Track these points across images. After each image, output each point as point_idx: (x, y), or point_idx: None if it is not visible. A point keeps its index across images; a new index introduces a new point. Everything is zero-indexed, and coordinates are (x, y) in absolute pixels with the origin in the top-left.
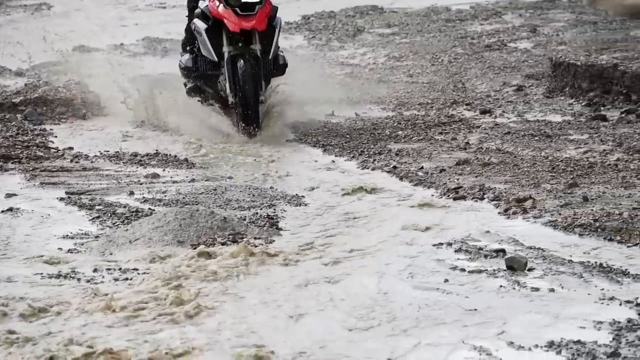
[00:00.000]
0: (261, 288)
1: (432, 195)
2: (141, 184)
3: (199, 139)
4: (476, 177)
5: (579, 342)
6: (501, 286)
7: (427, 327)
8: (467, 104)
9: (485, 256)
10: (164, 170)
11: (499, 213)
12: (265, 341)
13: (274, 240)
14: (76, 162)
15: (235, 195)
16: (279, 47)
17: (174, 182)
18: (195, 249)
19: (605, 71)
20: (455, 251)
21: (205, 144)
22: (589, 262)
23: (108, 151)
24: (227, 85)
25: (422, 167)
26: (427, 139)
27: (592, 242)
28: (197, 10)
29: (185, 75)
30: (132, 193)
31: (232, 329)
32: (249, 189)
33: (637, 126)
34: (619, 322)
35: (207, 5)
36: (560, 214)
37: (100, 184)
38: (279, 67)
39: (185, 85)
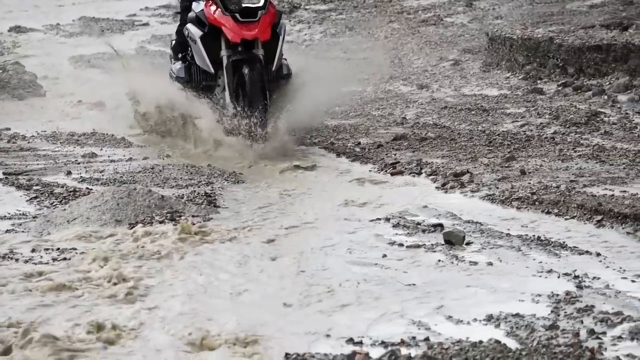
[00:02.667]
0: (200, 266)
1: (370, 170)
2: (78, 163)
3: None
4: (413, 152)
5: (517, 315)
6: (439, 261)
7: (366, 302)
8: (403, 79)
9: (423, 231)
10: (101, 149)
11: (436, 188)
12: (205, 319)
13: (212, 218)
14: (13, 143)
15: (172, 173)
16: (282, 55)
17: (112, 161)
18: (133, 227)
19: (541, 45)
20: (393, 226)
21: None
22: (526, 235)
23: (45, 131)
24: (227, 94)
25: (359, 143)
26: (364, 115)
27: (529, 215)
28: (191, 15)
29: (176, 85)
30: (69, 173)
31: (171, 307)
32: (187, 167)
33: (573, 99)
34: (557, 295)
35: (202, 10)
36: (497, 188)
37: (38, 164)
38: (283, 77)
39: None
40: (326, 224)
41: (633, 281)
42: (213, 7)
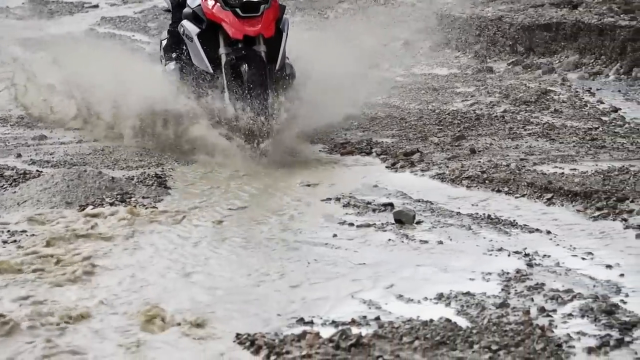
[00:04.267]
0: (150, 247)
1: (320, 151)
2: (28, 146)
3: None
4: (363, 131)
5: (468, 293)
6: (390, 240)
7: (317, 282)
8: (353, 59)
9: (374, 210)
10: (51, 131)
11: (386, 167)
12: (156, 299)
13: (162, 199)
14: None
15: (123, 155)
16: (286, 53)
17: (62, 143)
18: (83, 209)
19: (491, 23)
20: (344, 206)
21: None
22: (477, 213)
23: None
24: (226, 94)
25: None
26: (314, 95)
27: (480, 194)
28: (187, 10)
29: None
30: (19, 155)
31: (122, 288)
32: (137, 148)
33: (523, 78)
34: (508, 273)
35: (199, 5)
36: (447, 167)
37: None
38: (287, 79)
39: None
40: (276, 203)
41: (583, 259)
42: (211, 2)
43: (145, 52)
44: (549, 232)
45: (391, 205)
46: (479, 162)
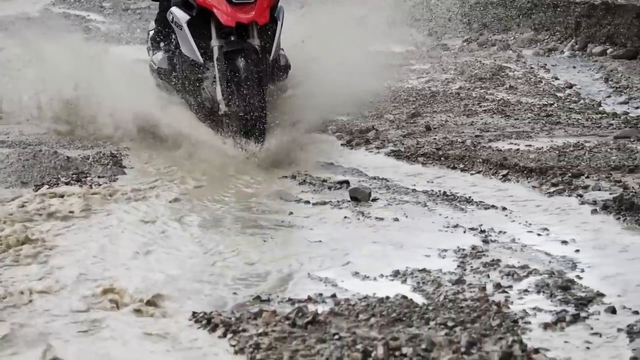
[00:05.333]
0: (107, 226)
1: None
2: None
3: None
4: (319, 110)
5: (424, 270)
6: (345, 217)
7: (272, 260)
8: (307, 36)
9: (330, 188)
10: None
11: (342, 145)
12: (112, 278)
13: (117, 179)
14: None
15: (78, 134)
16: (280, 44)
17: (17, 123)
18: (39, 189)
19: (446, 0)
20: (300, 184)
21: None
22: (432, 190)
23: None
24: (219, 89)
25: None
26: None
27: (435, 170)
28: None
29: (158, 78)
30: None
31: (79, 267)
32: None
33: (478, 54)
34: (464, 250)
35: None
36: (403, 144)
37: None
38: (281, 70)
39: (157, 85)
40: (229, 182)
41: (539, 235)
42: None
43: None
44: (504, 209)
45: (347, 182)
46: (434, 139)
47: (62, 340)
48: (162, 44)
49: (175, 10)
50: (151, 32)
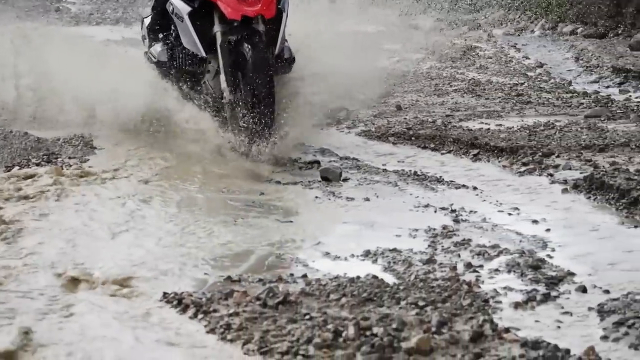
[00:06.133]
0: (77, 208)
1: None
2: None
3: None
4: (289, 90)
5: (394, 250)
6: (316, 197)
7: (243, 240)
8: None
9: (300, 168)
10: None
11: (312, 125)
12: (83, 259)
13: (88, 160)
14: None
15: (48, 115)
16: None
17: None
18: (9, 170)
19: None
20: (270, 164)
21: None
22: (403, 170)
23: None
24: (223, 77)
25: None
26: None
27: (406, 150)
28: None
29: (157, 71)
30: None
31: (48, 248)
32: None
33: (449, 34)
34: (434, 229)
35: None
36: (374, 124)
37: None
38: (285, 63)
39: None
40: (203, 163)
41: (509, 214)
42: None
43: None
44: (475, 188)
45: (318, 162)
46: (405, 118)
47: (34, 320)
48: (160, 35)
49: (175, 1)
50: (146, 20)
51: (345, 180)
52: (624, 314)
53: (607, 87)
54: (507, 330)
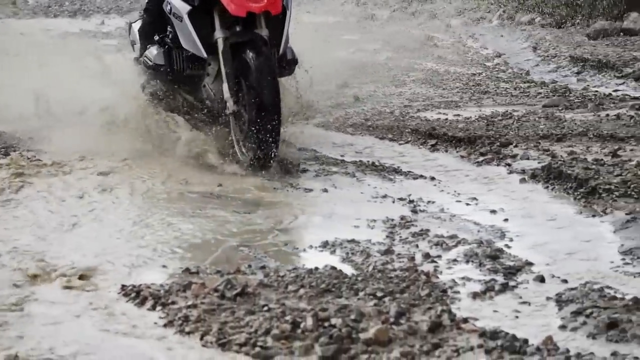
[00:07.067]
0: (34, 200)
1: None
2: None
3: None
4: None
5: (353, 241)
6: (275, 188)
7: (201, 232)
8: None
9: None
10: None
11: None
12: (40, 252)
13: (46, 152)
14: None
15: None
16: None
17: None
18: None
19: None
20: (229, 155)
21: None
22: (361, 161)
23: None
24: (225, 86)
25: None
26: None
27: (364, 141)
28: None
29: (153, 75)
30: None
31: (5, 241)
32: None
33: (406, 24)
34: (392, 220)
35: None
36: (332, 115)
37: None
38: (288, 65)
39: (142, 87)
40: (162, 155)
41: (467, 204)
42: None
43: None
44: (433, 178)
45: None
46: (363, 109)
47: None
48: (156, 37)
49: (174, 0)
50: (135, 25)
51: (304, 171)
52: (582, 303)
53: (565, 76)
54: (465, 320)
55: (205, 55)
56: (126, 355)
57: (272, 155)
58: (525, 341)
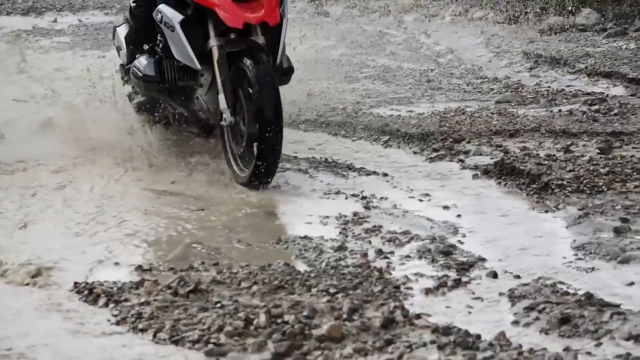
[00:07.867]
0: None
1: None
2: None
3: None
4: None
5: (305, 237)
6: (228, 185)
7: (154, 228)
8: None
9: (213, 157)
10: None
11: None
12: None
13: None
14: None
15: None
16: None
17: None
18: None
19: None
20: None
21: None
22: (314, 157)
23: None
24: (222, 96)
25: None
26: None
27: (316, 137)
28: None
29: (143, 87)
30: None
31: None
32: None
33: (359, 21)
34: (345, 216)
35: None
36: (284, 111)
37: None
38: (284, 74)
39: (130, 97)
40: (120, 151)
41: (420, 200)
42: None
43: None
44: (385, 175)
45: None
46: (316, 105)
47: None
48: (145, 46)
49: (164, 8)
50: (121, 30)
51: None
52: (535, 299)
53: (518, 72)
54: (418, 316)
55: (198, 66)
56: (78, 352)
57: (274, 172)
58: (478, 337)
